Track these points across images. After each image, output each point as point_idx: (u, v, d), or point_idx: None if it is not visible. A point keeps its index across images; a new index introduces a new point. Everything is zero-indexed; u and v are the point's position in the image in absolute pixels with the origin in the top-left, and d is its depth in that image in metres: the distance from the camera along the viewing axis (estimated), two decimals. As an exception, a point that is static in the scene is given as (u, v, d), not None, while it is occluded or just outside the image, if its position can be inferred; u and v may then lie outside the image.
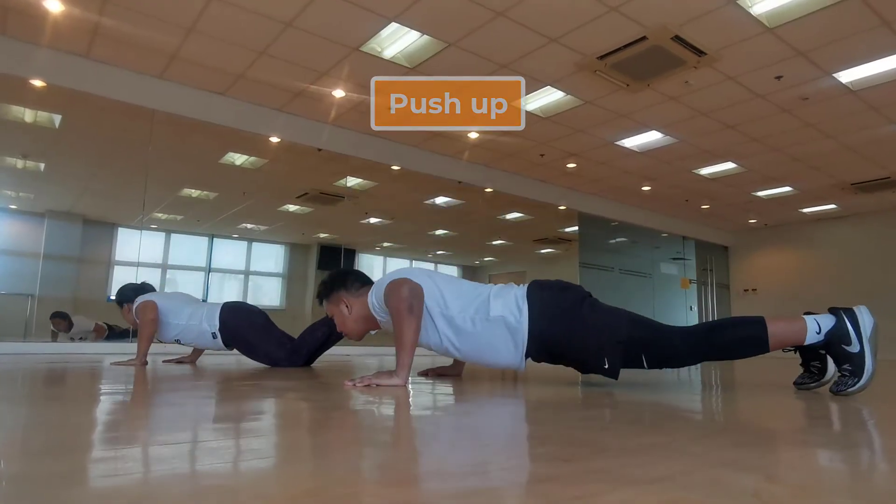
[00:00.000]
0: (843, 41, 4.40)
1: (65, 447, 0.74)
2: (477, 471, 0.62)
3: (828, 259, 9.99)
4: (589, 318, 1.85)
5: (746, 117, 5.80)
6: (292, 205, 9.74)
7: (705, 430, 1.05)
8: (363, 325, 2.10)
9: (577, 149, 6.84)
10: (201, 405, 1.32)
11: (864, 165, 7.20)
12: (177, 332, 2.90)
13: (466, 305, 1.92)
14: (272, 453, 0.73)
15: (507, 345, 1.89)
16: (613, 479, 0.58)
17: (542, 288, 1.94)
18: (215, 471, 0.60)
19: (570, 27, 4.27)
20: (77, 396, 1.47)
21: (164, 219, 10.55)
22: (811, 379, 1.91)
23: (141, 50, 4.67)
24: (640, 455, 0.71)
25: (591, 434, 0.90)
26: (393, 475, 0.60)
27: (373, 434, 0.92)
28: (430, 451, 0.76)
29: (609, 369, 1.83)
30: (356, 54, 4.72)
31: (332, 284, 2.15)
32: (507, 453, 0.76)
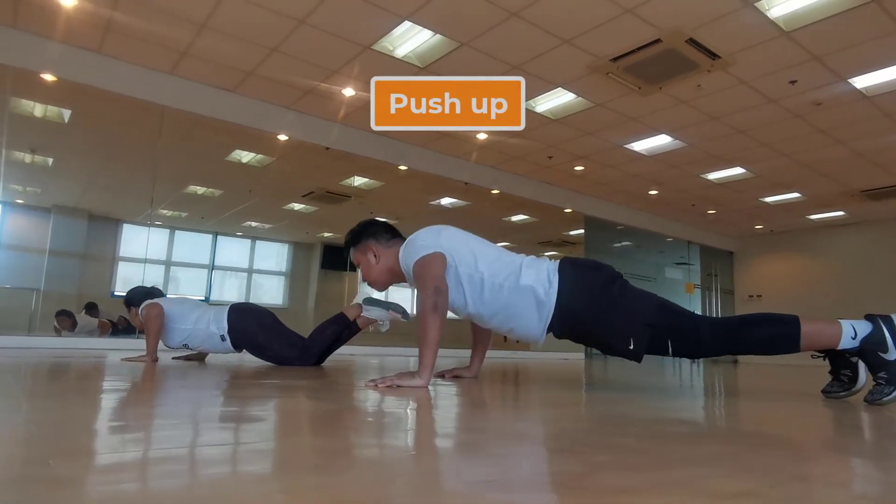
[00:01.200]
0: (860, 46, 4.37)
1: (78, 448, 0.71)
2: (549, 480, 0.59)
3: (834, 266, 9.95)
4: (619, 299, 1.83)
5: (757, 122, 5.77)
6: (297, 203, 9.71)
7: (763, 441, 1.01)
8: (388, 276, 2.09)
9: (586, 151, 6.81)
10: (230, 410, 1.29)
11: (874, 172, 7.16)
12: (184, 337, 2.87)
13: (498, 271, 1.89)
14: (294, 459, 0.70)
15: (531, 315, 1.86)
16: (694, 492, 0.55)
17: (574, 265, 1.91)
18: (249, 478, 0.57)
19: (585, 29, 4.25)
20: (86, 390, 1.44)
21: (168, 215, 10.54)
22: (841, 387, 1.88)
23: (152, 46, 4.64)
24: (709, 465, 0.68)
25: (644, 442, 0.87)
26: (456, 486, 0.57)
27: (426, 441, 0.89)
28: (492, 460, 0.73)
29: (633, 351, 1.80)
30: (368, 53, 4.69)
31: (362, 232, 2.13)
32: (567, 461, 0.72)
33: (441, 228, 2.00)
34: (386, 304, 2.83)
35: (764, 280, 10.79)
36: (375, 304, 2.83)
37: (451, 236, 1.95)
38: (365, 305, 2.84)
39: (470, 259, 1.90)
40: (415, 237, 1.96)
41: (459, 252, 1.91)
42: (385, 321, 2.84)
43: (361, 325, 2.87)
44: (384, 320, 2.83)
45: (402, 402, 1.40)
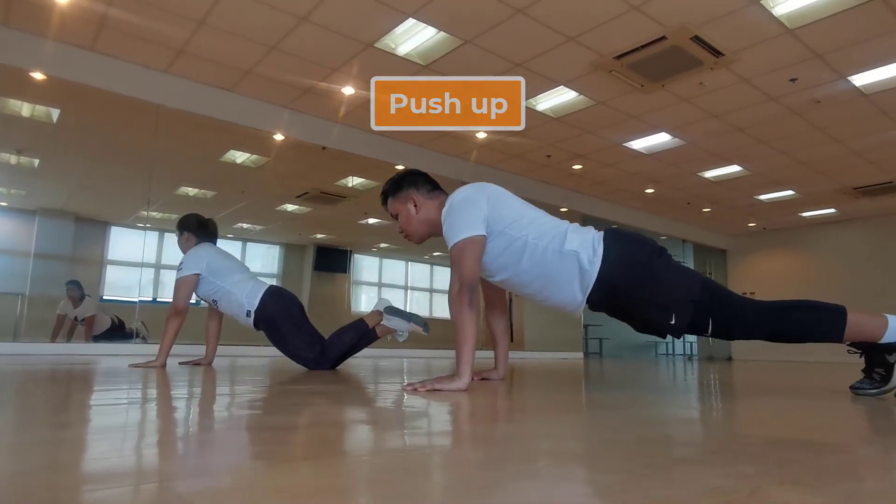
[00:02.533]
0: (862, 44, 4.39)
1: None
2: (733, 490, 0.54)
3: (825, 263, 10.05)
4: (663, 273, 1.79)
5: (757, 120, 5.79)
6: (291, 204, 9.61)
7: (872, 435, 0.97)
8: (427, 228, 2.03)
9: (585, 150, 6.80)
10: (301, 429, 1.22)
11: (868, 170, 7.23)
12: (214, 292, 2.83)
13: (542, 234, 1.83)
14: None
15: (572, 283, 1.81)
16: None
17: (618, 235, 1.86)
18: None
19: (590, 26, 4.22)
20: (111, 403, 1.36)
21: (157, 218, 10.38)
22: (871, 385, 1.86)
23: (148, 43, 4.54)
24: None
25: (758, 448, 0.83)
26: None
27: (508, 450, 0.84)
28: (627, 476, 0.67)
29: (675, 325, 1.76)
30: (370, 50, 4.63)
31: (402, 181, 2.09)
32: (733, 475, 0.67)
33: (485, 189, 1.92)
34: (408, 316, 2.78)
35: (757, 277, 10.88)
36: (397, 313, 2.78)
37: (496, 197, 1.89)
38: (386, 314, 2.78)
39: (512, 221, 1.84)
40: (458, 202, 1.87)
41: (503, 215, 1.85)
42: (404, 332, 2.78)
43: (380, 334, 2.82)
44: (403, 331, 2.78)
45: (486, 409, 1.35)
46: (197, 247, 2.94)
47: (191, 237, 3.02)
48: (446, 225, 1.86)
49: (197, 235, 3.03)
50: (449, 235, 1.84)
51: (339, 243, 12.74)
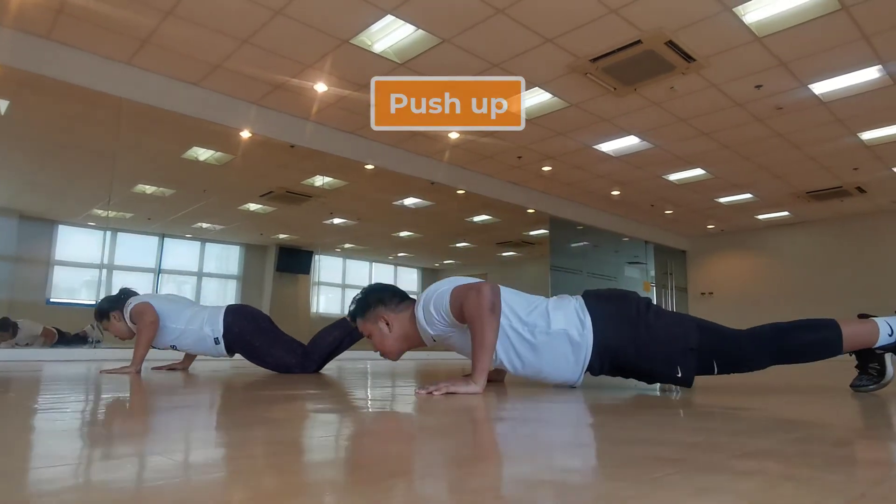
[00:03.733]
0: (824, 53, 4.56)
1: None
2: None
3: (778, 264, 10.45)
4: (656, 326, 1.78)
5: (722, 125, 5.96)
6: (254, 204, 9.35)
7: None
8: (404, 343, 1.94)
9: (555, 152, 6.86)
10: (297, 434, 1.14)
11: (820, 175, 7.55)
12: (174, 338, 2.65)
13: (526, 317, 1.80)
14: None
15: (567, 359, 1.79)
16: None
17: (599, 298, 1.85)
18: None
19: (568, 28, 4.24)
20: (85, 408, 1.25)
21: (107, 216, 9.94)
22: (870, 381, 1.91)
23: (109, 33, 4.32)
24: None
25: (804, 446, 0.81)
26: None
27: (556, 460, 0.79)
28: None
29: (682, 377, 1.77)
30: (345, 47, 4.53)
31: (369, 300, 1.96)
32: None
33: (456, 281, 1.85)
34: None
35: (715, 278, 11.23)
36: None
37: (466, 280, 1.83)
38: None
39: (504, 306, 1.78)
40: (434, 288, 1.81)
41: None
42: None
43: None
44: None
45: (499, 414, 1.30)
46: (137, 303, 2.66)
47: (119, 315, 2.70)
48: (433, 304, 1.77)
49: (122, 306, 2.71)
50: (440, 303, 1.75)
51: (302, 244, 12.49)
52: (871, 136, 6.24)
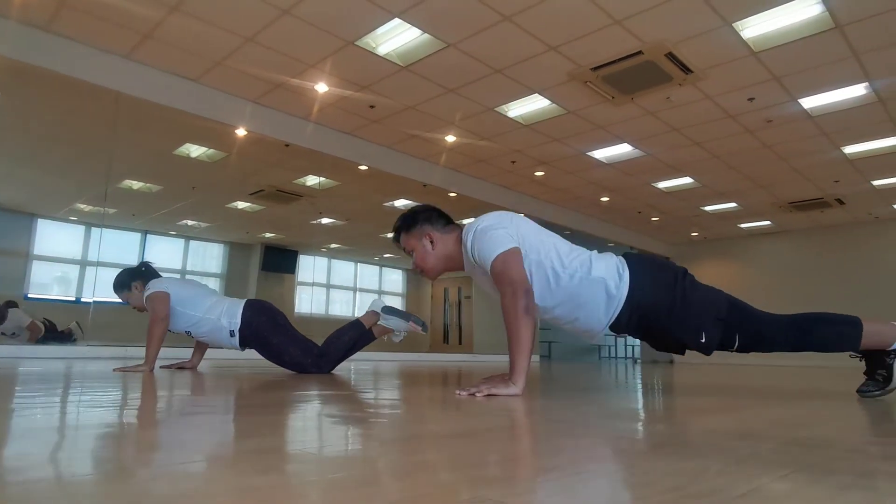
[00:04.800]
0: (816, 69, 4.71)
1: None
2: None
3: (758, 271, 10.70)
4: (691, 294, 1.83)
5: (714, 135, 6.10)
6: (242, 202, 9.27)
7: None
8: (444, 263, 2.00)
9: (549, 157, 6.94)
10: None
11: (803, 186, 7.77)
12: (191, 324, 2.66)
13: (571, 261, 1.84)
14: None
15: (598, 308, 1.83)
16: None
17: (641, 261, 1.90)
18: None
19: (573, 36, 4.31)
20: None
21: (87, 211, 9.77)
22: (876, 387, 1.99)
23: (110, 26, 4.26)
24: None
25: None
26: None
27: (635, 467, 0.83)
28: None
29: (705, 344, 1.82)
30: (349, 48, 4.53)
31: (417, 217, 2.01)
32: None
33: (510, 215, 1.91)
34: (405, 315, 2.72)
35: (697, 284, 11.42)
36: (395, 313, 2.72)
37: (521, 225, 1.88)
38: (383, 314, 2.72)
39: (543, 248, 1.84)
40: (486, 226, 1.84)
41: (531, 242, 1.84)
42: (402, 332, 2.73)
43: (377, 334, 2.75)
44: (401, 331, 2.72)
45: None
46: (157, 279, 2.73)
47: (140, 286, 2.76)
48: (478, 248, 1.83)
49: (146, 282, 2.77)
50: (485, 255, 1.80)
51: (287, 243, 12.40)
52: (853, 150, 6.45)
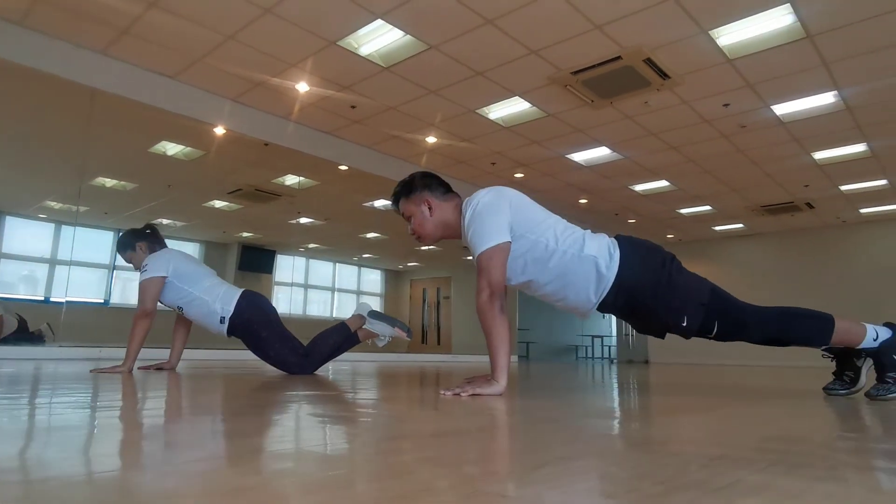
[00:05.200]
0: (788, 77, 4.84)
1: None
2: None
3: (732, 274, 10.93)
4: (677, 277, 1.88)
5: (690, 140, 6.22)
6: (220, 201, 9.16)
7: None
8: (442, 230, 2.02)
9: (528, 159, 7.00)
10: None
11: (775, 190, 7.97)
12: (185, 300, 2.65)
13: (563, 237, 1.87)
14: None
15: (588, 286, 1.87)
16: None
17: (632, 243, 1.94)
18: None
19: (554, 41, 4.37)
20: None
21: (57, 208, 9.56)
22: (842, 386, 2.07)
23: (86, 22, 4.19)
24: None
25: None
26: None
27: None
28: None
29: (686, 327, 1.88)
30: (331, 48, 4.53)
31: (415, 183, 2.04)
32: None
33: (509, 195, 1.92)
34: (391, 321, 2.74)
35: (672, 286, 11.62)
36: (380, 318, 2.73)
37: (520, 203, 1.91)
38: (369, 318, 2.73)
39: (538, 227, 1.87)
40: (482, 209, 1.85)
41: (526, 217, 1.87)
42: (386, 337, 2.74)
43: (362, 338, 2.76)
44: (386, 336, 2.74)
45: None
46: (161, 250, 2.75)
47: (145, 247, 2.79)
48: (471, 232, 1.86)
49: (151, 243, 2.80)
50: (476, 243, 1.84)
51: (265, 243, 12.29)
52: (823, 155, 6.64)
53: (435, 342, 14.99)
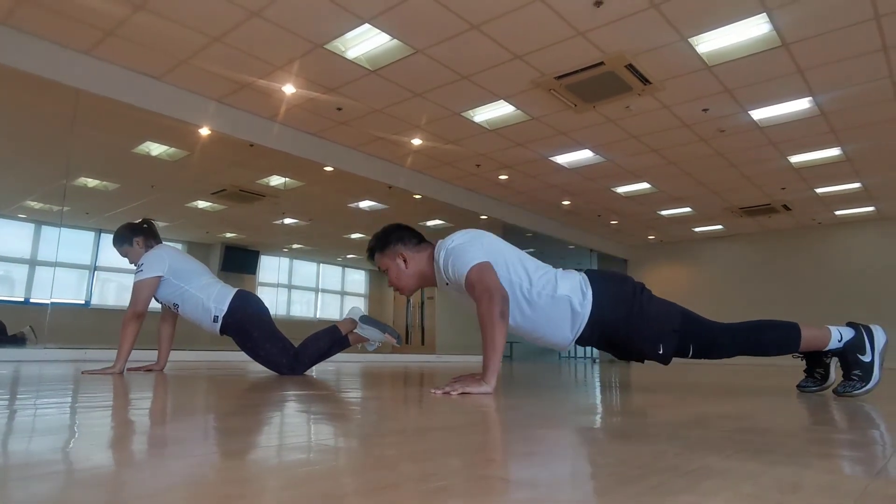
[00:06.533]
0: (765, 83, 4.99)
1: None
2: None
3: (711, 274, 11.16)
4: (647, 307, 1.97)
5: (670, 143, 6.36)
6: (203, 201, 9.12)
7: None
8: (418, 281, 2.08)
9: (513, 161, 7.09)
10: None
11: (753, 192, 8.16)
12: (178, 297, 2.67)
13: (538, 280, 1.95)
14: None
15: (564, 324, 1.95)
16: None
17: (602, 277, 2.02)
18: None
19: (538, 46, 4.45)
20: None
21: (37, 208, 9.44)
22: (814, 384, 2.18)
23: (71, 22, 4.17)
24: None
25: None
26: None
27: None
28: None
29: (663, 355, 1.98)
30: (318, 51, 4.56)
31: (389, 237, 2.10)
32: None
33: (479, 233, 2.01)
34: (382, 326, 2.78)
35: (654, 285, 11.55)
36: (371, 323, 2.78)
37: (492, 243, 1.98)
38: (361, 323, 2.77)
39: (512, 267, 1.94)
40: (457, 244, 1.94)
41: (500, 260, 1.94)
42: (376, 342, 2.79)
43: (353, 342, 2.80)
44: (376, 341, 2.79)
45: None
46: (157, 248, 2.77)
47: (141, 242, 2.80)
48: (452, 264, 1.91)
49: (147, 239, 2.83)
50: (459, 267, 1.89)
51: (248, 243, 12.24)
52: (798, 159, 6.83)
53: (419, 342, 15.04)
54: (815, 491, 0.61)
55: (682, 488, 0.59)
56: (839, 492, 0.60)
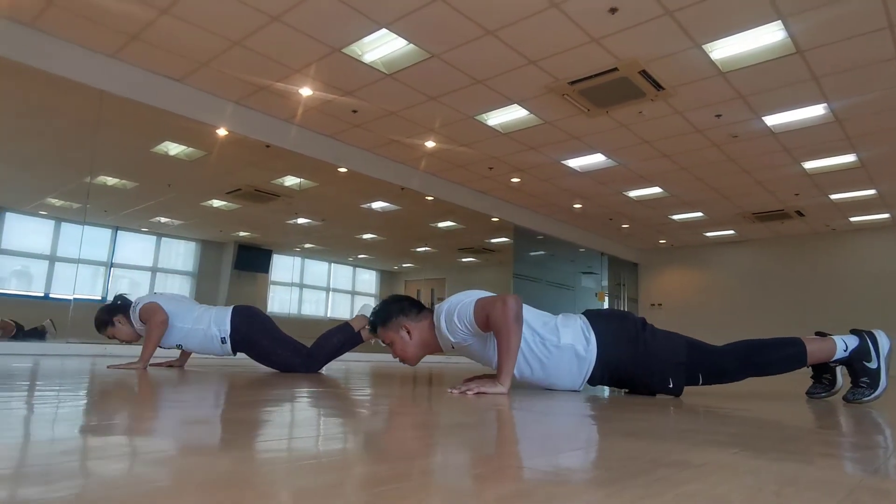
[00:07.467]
0: (779, 90, 5.00)
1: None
2: None
3: (722, 279, 11.12)
4: (651, 343, 2.03)
5: (682, 148, 6.38)
6: (218, 200, 9.25)
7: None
8: (423, 350, 2.11)
9: (525, 165, 7.14)
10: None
11: (766, 198, 8.14)
12: (181, 337, 2.72)
13: (538, 331, 2.02)
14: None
15: (571, 370, 2.02)
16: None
17: (601, 317, 2.08)
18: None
19: (552, 52, 4.50)
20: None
21: (58, 205, 9.61)
22: (823, 389, 2.21)
23: (97, 26, 4.28)
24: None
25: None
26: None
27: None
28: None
29: (673, 388, 2.03)
30: (336, 55, 4.64)
31: (391, 311, 2.11)
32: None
33: (475, 291, 2.04)
34: None
35: (664, 290, 11.82)
36: None
37: (490, 294, 2.01)
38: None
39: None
40: (455, 301, 1.98)
41: None
42: None
43: (366, 338, 2.87)
44: None
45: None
46: (147, 305, 2.71)
47: (122, 318, 2.77)
48: (457, 315, 1.95)
49: (125, 313, 2.78)
50: (466, 314, 1.93)
51: (261, 242, 12.37)
52: (812, 165, 6.81)
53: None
54: (810, 484, 0.66)
55: (688, 479, 0.65)
56: (833, 485, 0.66)
